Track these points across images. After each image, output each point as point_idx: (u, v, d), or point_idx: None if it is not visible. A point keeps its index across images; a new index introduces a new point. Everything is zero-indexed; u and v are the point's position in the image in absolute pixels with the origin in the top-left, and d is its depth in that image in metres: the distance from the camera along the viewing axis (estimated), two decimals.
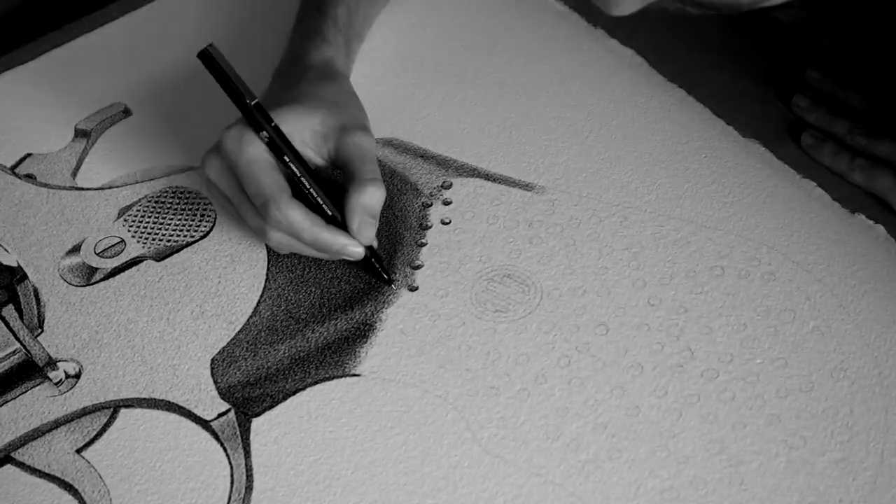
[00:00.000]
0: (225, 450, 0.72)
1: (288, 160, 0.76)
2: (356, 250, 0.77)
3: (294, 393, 0.75)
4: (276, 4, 1.04)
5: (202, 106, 0.96)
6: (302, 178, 0.76)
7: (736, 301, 0.77)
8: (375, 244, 0.79)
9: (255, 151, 0.76)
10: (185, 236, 0.85)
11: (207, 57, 0.75)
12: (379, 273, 0.80)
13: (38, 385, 0.76)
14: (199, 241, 0.84)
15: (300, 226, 0.75)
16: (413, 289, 0.80)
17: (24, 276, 0.83)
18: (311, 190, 0.77)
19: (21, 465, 0.72)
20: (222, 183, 0.79)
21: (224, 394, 0.75)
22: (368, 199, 0.76)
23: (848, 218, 0.81)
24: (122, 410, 0.75)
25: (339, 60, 0.88)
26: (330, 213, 0.77)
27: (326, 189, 0.78)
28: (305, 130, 0.79)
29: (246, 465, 0.71)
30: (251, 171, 0.75)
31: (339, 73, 0.87)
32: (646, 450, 0.69)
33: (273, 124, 0.75)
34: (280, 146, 0.76)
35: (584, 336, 0.76)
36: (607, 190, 0.85)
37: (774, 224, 0.81)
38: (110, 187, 0.89)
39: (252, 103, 0.75)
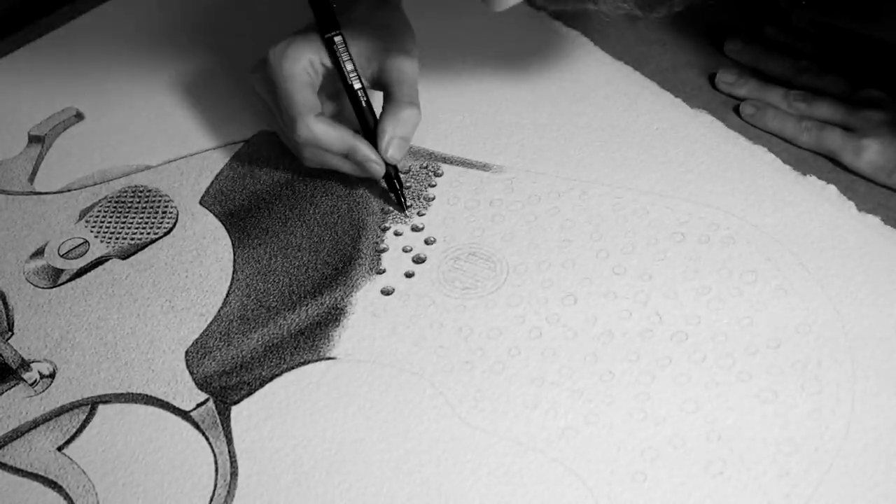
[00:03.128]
0: (207, 438, 0.72)
1: (344, 68, 0.81)
2: (377, 167, 0.81)
3: (271, 379, 0.75)
4: (226, 5, 1.05)
5: (154, 105, 0.96)
6: (353, 82, 0.82)
7: (699, 265, 0.78)
8: (401, 166, 0.84)
9: (292, 69, 0.80)
10: (148, 233, 0.85)
11: None
12: (397, 196, 0.84)
13: (12, 387, 0.76)
14: (163, 238, 0.85)
15: (326, 138, 0.80)
16: (380, 272, 0.81)
17: None
18: (359, 93, 0.82)
19: (3, 466, 0.72)
20: (264, 93, 0.84)
21: (201, 384, 0.75)
22: (402, 119, 0.80)
23: (800, 180, 0.83)
24: (100, 406, 0.75)
25: None
26: (370, 122, 0.82)
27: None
28: (352, 51, 0.82)
29: (229, 451, 0.71)
30: (286, 87, 0.80)
31: (392, 1, 0.89)
32: (623, 413, 0.71)
33: (338, 32, 0.81)
34: (338, 54, 0.81)
35: (553, 307, 0.77)
36: (563, 166, 0.86)
37: (729, 189, 0.83)
38: (69, 190, 0.89)
39: None
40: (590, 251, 0.80)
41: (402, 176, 0.85)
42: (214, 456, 0.71)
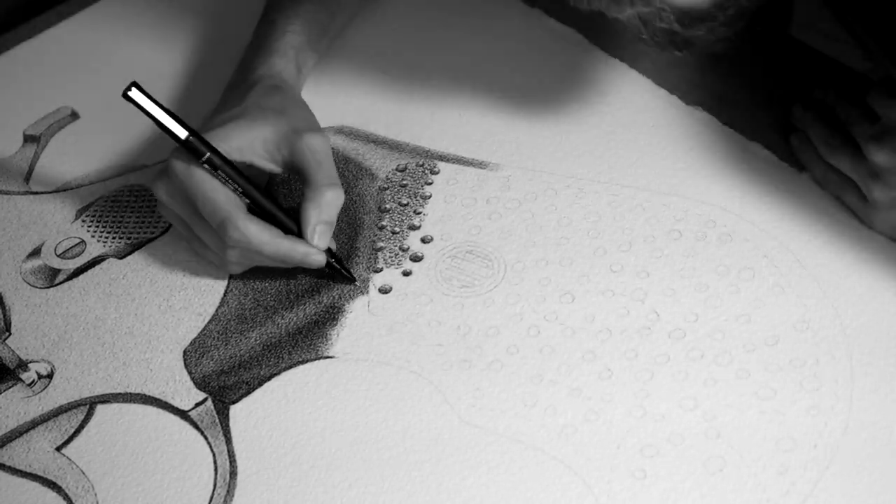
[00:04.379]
0: (206, 438, 0.72)
1: (231, 181, 0.75)
2: (318, 258, 0.77)
3: (269, 378, 0.75)
4: (221, 4, 1.05)
5: None
6: (250, 194, 0.76)
7: (696, 262, 0.78)
8: (334, 247, 0.80)
9: (204, 172, 0.75)
10: (145, 233, 0.85)
11: (132, 98, 0.74)
12: (341, 274, 0.80)
13: (10, 388, 0.76)
14: (160, 237, 0.84)
15: (259, 240, 0.75)
16: (377, 270, 0.81)
17: None
18: (263, 203, 0.77)
19: (2, 467, 0.72)
20: (175, 205, 0.78)
21: (199, 384, 0.75)
22: (324, 204, 0.77)
23: (796, 176, 0.83)
24: (99, 406, 0.75)
25: (288, 72, 0.87)
26: (286, 224, 0.77)
27: (279, 201, 0.78)
28: (256, 142, 0.78)
29: (228, 451, 0.71)
30: (203, 191, 0.75)
31: (287, 84, 0.86)
32: (622, 410, 0.71)
33: (206, 156, 0.74)
34: (222, 168, 0.75)
35: (551, 305, 0.77)
36: (560, 163, 0.87)
37: (726, 186, 0.83)
38: (65, 189, 0.89)
39: (184, 137, 0.74)
40: (587, 249, 0.80)
41: (398, 174, 0.85)
42: (213, 455, 0.71)
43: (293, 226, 0.77)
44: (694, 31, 0.71)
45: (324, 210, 0.76)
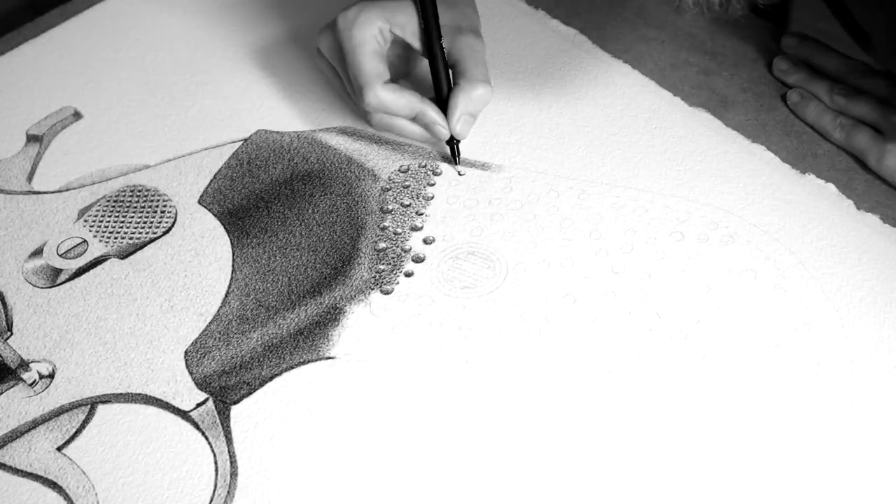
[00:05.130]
0: (206, 438, 0.72)
1: (425, 24, 0.83)
2: (444, 130, 0.84)
3: (270, 379, 0.75)
4: (224, 5, 1.05)
5: (152, 104, 0.96)
6: (435, 44, 0.83)
7: (698, 264, 0.78)
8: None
9: (362, 35, 0.82)
10: (147, 233, 0.85)
11: None
12: (453, 153, 0.87)
13: (12, 387, 0.76)
14: (162, 237, 0.85)
15: (394, 105, 0.82)
16: (379, 271, 0.81)
17: None
18: (440, 56, 0.84)
19: (2, 466, 0.72)
20: (332, 58, 0.86)
21: (200, 384, 0.75)
22: (474, 96, 0.83)
23: (799, 178, 0.83)
24: (100, 406, 0.75)
25: None
26: (444, 88, 0.84)
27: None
28: (418, 26, 0.84)
29: (229, 451, 0.71)
30: (355, 53, 0.82)
31: None
32: (623, 413, 0.71)
33: None
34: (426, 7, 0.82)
35: (553, 307, 0.77)
36: (562, 165, 0.86)
37: (729, 188, 0.83)
38: (67, 189, 0.89)
39: None
40: (589, 250, 0.80)
41: (400, 175, 0.86)
42: (214, 456, 0.71)
43: (444, 98, 0.85)
44: None
45: (473, 101, 0.83)
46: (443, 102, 0.84)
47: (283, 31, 0.82)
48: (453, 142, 0.86)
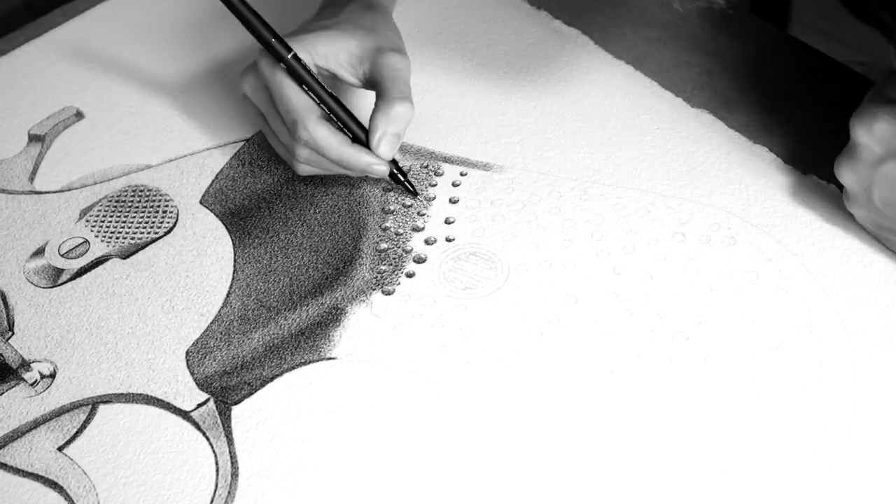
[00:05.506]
0: (207, 439, 0.72)
1: (307, 87, 0.80)
2: (381, 168, 0.81)
3: (272, 379, 0.75)
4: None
5: (154, 104, 0.96)
6: (324, 100, 0.80)
7: (699, 265, 0.78)
8: (398, 158, 0.84)
9: (286, 73, 0.80)
10: (148, 233, 0.85)
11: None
12: (405, 186, 0.84)
13: (13, 387, 0.76)
14: (164, 237, 0.85)
15: (326, 144, 0.80)
16: (381, 271, 0.81)
17: None
18: (335, 109, 0.81)
19: (3, 466, 0.72)
20: (257, 99, 0.83)
21: (201, 384, 0.75)
22: (393, 115, 0.79)
23: (802, 179, 0.83)
24: (101, 407, 0.75)
25: None
26: (355, 132, 0.81)
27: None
28: (341, 52, 0.83)
29: (230, 451, 0.71)
30: (283, 90, 0.80)
31: (381, 5, 0.89)
32: (625, 413, 0.71)
33: (292, 54, 0.79)
34: (299, 73, 0.79)
35: (554, 308, 0.77)
36: (564, 165, 0.86)
37: (731, 189, 0.83)
38: (69, 189, 0.89)
39: (270, 40, 0.79)
40: (591, 251, 0.80)
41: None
42: (215, 456, 0.71)
43: (363, 137, 0.81)
44: None
45: (392, 121, 0.80)
46: (360, 140, 0.82)
47: (284, 31, 0.81)
48: (398, 174, 0.83)
